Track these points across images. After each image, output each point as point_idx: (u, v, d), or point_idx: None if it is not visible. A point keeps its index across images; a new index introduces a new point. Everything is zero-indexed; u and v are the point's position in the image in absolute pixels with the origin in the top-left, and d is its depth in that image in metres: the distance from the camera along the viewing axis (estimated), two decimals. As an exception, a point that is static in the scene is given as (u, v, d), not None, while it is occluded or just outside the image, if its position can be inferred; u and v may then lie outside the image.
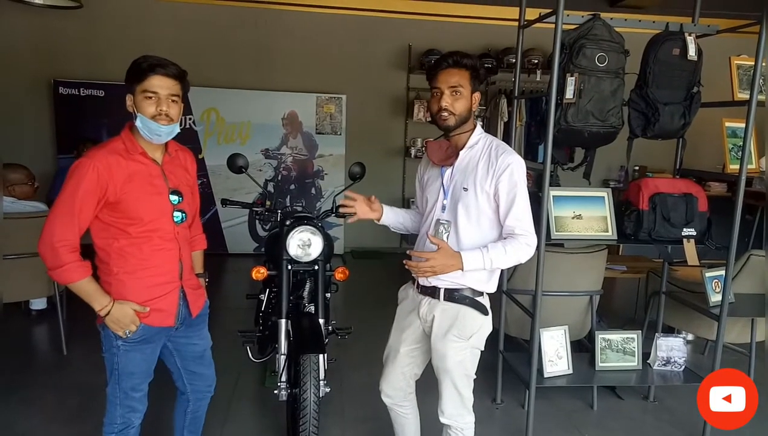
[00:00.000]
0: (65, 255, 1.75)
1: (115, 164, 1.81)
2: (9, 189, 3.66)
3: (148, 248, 1.88)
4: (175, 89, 1.84)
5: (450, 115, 1.95)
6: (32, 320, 4.26)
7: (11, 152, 5.08)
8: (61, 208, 1.77)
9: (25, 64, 6.04)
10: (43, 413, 2.99)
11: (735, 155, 2.87)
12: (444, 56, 1.97)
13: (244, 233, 6.45)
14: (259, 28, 6.39)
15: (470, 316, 2.03)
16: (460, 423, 2.12)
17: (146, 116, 1.81)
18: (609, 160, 6.84)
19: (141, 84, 1.80)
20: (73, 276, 1.77)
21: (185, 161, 2.07)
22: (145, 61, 1.80)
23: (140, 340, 1.91)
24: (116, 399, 1.96)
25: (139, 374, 1.96)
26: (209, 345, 2.20)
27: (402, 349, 2.19)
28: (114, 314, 1.83)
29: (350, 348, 3.61)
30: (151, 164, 1.90)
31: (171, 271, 1.96)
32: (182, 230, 1.98)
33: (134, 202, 1.83)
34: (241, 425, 2.95)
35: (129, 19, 6.16)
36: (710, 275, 2.97)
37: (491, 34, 6.53)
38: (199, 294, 2.10)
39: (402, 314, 2.22)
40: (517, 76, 3.13)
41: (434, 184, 2.09)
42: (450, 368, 2.05)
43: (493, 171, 1.93)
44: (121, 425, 1.98)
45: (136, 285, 1.88)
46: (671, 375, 3.01)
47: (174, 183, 1.95)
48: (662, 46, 2.64)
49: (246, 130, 6.30)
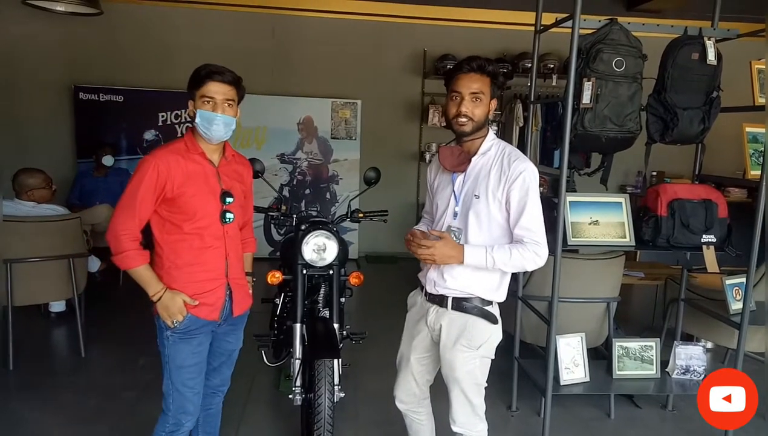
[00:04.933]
0: (126, 243, 1.90)
1: (174, 163, 1.94)
2: (28, 194, 3.72)
3: (198, 245, 1.99)
4: (231, 94, 1.97)
5: (468, 121, 1.92)
6: (51, 323, 4.32)
7: (32, 156, 5.17)
8: (125, 201, 1.93)
9: (46, 69, 6.15)
10: (61, 413, 3.02)
11: (756, 161, 2.82)
12: (467, 60, 1.94)
13: (259, 237, 6.39)
14: (275, 34, 6.44)
15: (479, 326, 2.00)
16: (473, 431, 2.11)
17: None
18: (626, 166, 6.78)
19: (200, 90, 1.94)
20: (132, 262, 1.92)
21: (241, 169, 2.18)
22: (204, 69, 1.94)
23: (186, 330, 2.00)
24: (170, 397, 2.04)
25: (188, 367, 2.03)
26: (239, 347, 2.27)
27: (413, 357, 2.18)
28: (164, 301, 1.95)
29: (365, 353, 3.60)
30: (207, 165, 2.02)
31: (218, 268, 2.05)
32: (230, 229, 2.07)
33: (189, 198, 1.96)
34: (256, 428, 2.96)
35: (148, 25, 6.25)
36: (731, 282, 2.92)
37: (506, 38, 6.52)
38: (245, 294, 2.18)
39: (411, 321, 2.20)
40: (533, 81, 3.11)
41: (445, 190, 2.05)
42: (459, 377, 2.03)
43: (506, 178, 1.90)
44: (172, 426, 2.05)
45: (184, 279, 1.99)
46: (690, 384, 2.96)
47: (227, 185, 2.06)
48: (681, 51, 2.61)
49: (262, 135, 6.34)
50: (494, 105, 1.98)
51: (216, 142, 2.02)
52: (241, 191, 2.13)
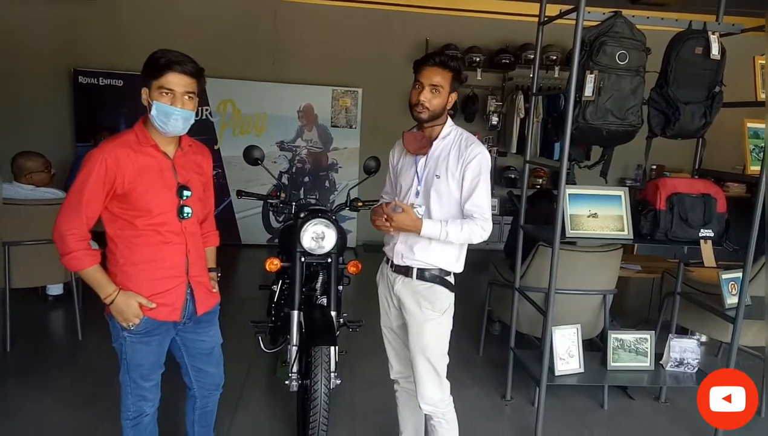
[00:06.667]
0: (73, 243, 1.79)
1: (125, 157, 1.81)
2: (27, 177, 3.71)
3: (155, 241, 1.89)
4: (192, 86, 1.83)
5: (425, 110, 2.08)
6: (49, 306, 4.33)
7: (31, 140, 5.16)
8: (70, 199, 1.81)
9: (45, 53, 6.11)
10: (58, 396, 3.03)
11: (756, 156, 2.82)
12: (432, 54, 2.11)
13: (257, 224, 6.49)
14: (277, 21, 6.40)
15: (441, 292, 2.17)
16: (441, 408, 2.21)
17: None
18: (626, 159, 6.78)
19: (158, 80, 1.79)
20: (80, 263, 1.81)
21: (200, 158, 2.05)
22: (163, 56, 1.78)
23: (145, 332, 1.92)
24: (128, 387, 1.99)
25: (147, 365, 1.98)
26: (218, 343, 2.19)
27: (393, 326, 2.33)
28: (118, 304, 1.85)
29: (361, 341, 3.61)
30: (161, 158, 1.90)
31: (177, 265, 1.94)
32: (190, 224, 1.96)
33: (142, 194, 1.84)
34: (252, 414, 2.98)
35: (148, 9, 6.20)
36: (727, 276, 2.93)
37: (509, 29, 6.49)
38: (209, 293, 2.08)
39: (381, 295, 2.35)
40: (535, 72, 3.10)
41: (408, 171, 2.22)
42: (427, 343, 2.15)
43: (463, 160, 2.09)
44: (134, 412, 2.01)
45: (140, 277, 1.89)
46: (684, 377, 2.98)
47: (184, 178, 1.93)
48: (684, 45, 2.60)
49: (262, 122, 6.32)
50: (453, 98, 2.13)
51: (172, 136, 1.89)
52: (200, 183, 2.00)
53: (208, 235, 2.18)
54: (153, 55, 1.81)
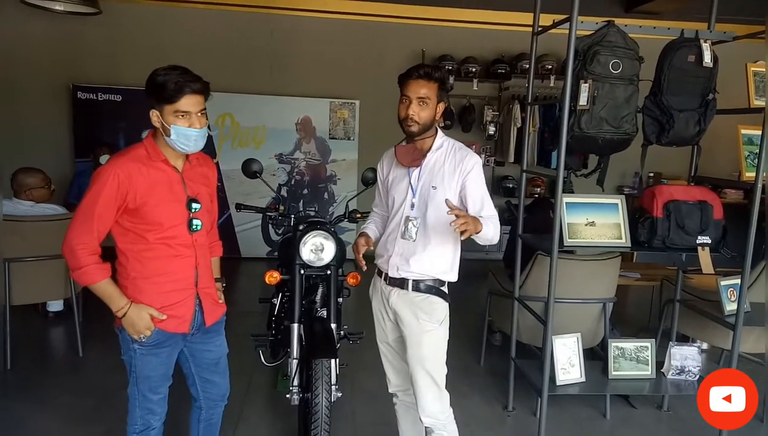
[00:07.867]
0: (84, 258, 1.80)
1: (136, 172, 1.84)
2: (27, 193, 3.72)
3: (165, 254, 1.91)
4: (203, 103, 1.88)
5: (414, 123, 2.09)
6: (49, 322, 4.32)
7: (30, 155, 5.16)
8: (81, 213, 1.82)
9: (45, 68, 6.15)
10: (59, 413, 3.02)
11: (751, 163, 2.84)
12: (415, 67, 2.10)
13: (257, 237, 6.49)
14: (274, 34, 6.44)
15: (437, 302, 2.16)
16: (442, 420, 2.19)
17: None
18: (623, 167, 6.79)
19: (172, 105, 1.80)
20: (92, 278, 1.82)
21: (206, 170, 2.08)
22: (173, 80, 1.78)
23: (155, 344, 1.93)
24: (136, 401, 2.00)
25: (156, 377, 1.99)
26: (225, 353, 2.21)
27: (389, 339, 2.31)
28: (130, 317, 1.86)
29: (362, 353, 3.60)
30: (171, 172, 1.93)
31: (187, 278, 1.97)
32: (199, 237, 1.99)
33: (153, 208, 1.86)
34: (253, 428, 2.97)
35: (146, 25, 6.25)
36: (725, 283, 2.94)
37: (505, 39, 6.53)
38: (216, 304, 2.10)
39: (376, 309, 2.33)
40: (530, 82, 3.12)
41: (401, 184, 2.21)
42: (426, 355, 2.15)
43: (460, 171, 2.11)
44: (141, 426, 2.02)
45: (151, 290, 1.91)
46: (685, 384, 2.97)
47: (193, 191, 1.97)
48: (677, 53, 2.62)
49: (260, 135, 6.34)
50: (441, 108, 2.14)
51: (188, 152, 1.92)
52: (207, 195, 2.05)
53: (212, 245, 2.20)
54: (156, 75, 1.80)
